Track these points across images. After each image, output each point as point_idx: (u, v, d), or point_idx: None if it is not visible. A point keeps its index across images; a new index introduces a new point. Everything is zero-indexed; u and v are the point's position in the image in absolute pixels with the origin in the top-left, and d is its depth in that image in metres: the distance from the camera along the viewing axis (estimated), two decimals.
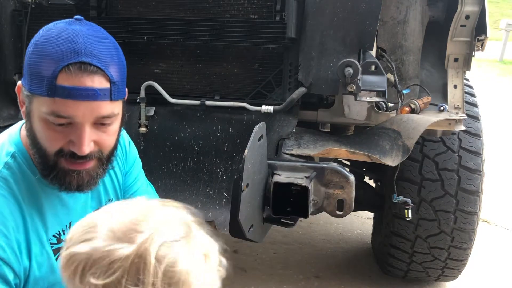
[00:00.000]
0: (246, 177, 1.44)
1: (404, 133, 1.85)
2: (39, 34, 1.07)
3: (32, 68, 1.04)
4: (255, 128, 1.50)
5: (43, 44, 1.04)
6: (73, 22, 1.08)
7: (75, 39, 1.03)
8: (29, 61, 1.05)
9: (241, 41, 1.94)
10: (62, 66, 1.01)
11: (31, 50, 1.06)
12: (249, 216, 1.55)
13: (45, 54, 1.03)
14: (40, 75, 1.02)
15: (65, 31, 1.04)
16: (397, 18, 2.13)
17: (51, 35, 1.04)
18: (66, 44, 1.02)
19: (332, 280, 2.81)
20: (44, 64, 1.02)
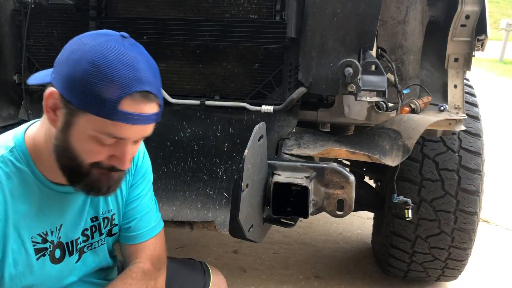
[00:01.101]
0: (246, 177, 1.44)
1: (404, 133, 1.85)
2: (94, 52, 1.05)
3: (91, 89, 1.03)
4: (255, 128, 1.50)
5: (105, 67, 1.03)
6: (123, 41, 1.09)
7: (137, 66, 1.06)
8: (85, 80, 1.04)
9: (241, 41, 1.94)
10: (127, 93, 1.04)
11: (90, 70, 1.03)
12: (249, 216, 1.54)
13: (109, 79, 1.03)
14: (100, 97, 1.03)
15: (123, 55, 1.06)
16: (397, 18, 2.13)
17: (111, 58, 1.04)
18: (129, 71, 1.05)
19: (332, 280, 2.81)
20: (107, 88, 1.03)
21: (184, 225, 1.84)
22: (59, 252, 1.24)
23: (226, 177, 1.97)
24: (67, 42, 2.08)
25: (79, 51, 1.06)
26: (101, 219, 1.34)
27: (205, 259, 1.78)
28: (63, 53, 1.09)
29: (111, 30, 1.13)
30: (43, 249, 1.20)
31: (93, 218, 1.32)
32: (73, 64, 1.05)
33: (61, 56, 1.09)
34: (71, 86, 1.05)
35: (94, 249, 1.35)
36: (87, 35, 1.10)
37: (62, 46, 2.31)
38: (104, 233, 1.36)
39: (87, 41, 1.07)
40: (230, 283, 2.72)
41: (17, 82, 2.19)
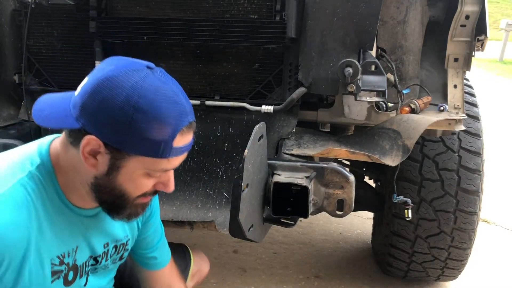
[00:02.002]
0: (246, 177, 1.45)
1: (404, 133, 1.85)
2: (134, 96, 1.01)
3: (142, 134, 1.02)
4: (255, 128, 1.50)
5: (152, 110, 1.02)
6: (153, 74, 1.06)
7: (177, 99, 1.06)
8: (134, 126, 1.01)
9: (241, 41, 1.94)
10: (178, 131, 1.05)
11: (136, 116, 1.01)
12: (249, 216, 1.55)
13: (158, 122, 1.02)
14: (153, 140, 1.03)
15: (163, 92, 1.04)
16: (397, 18, 2.13)
17: (154, 98, 1.02)
18: (174, 107, 1.05)
19: (332, 280, 2.81)
20: (158, 130, 1.03)
21: (184, 225, 1.84)
22: (72, 274, 1.22)
23: (226, 177, 1.97)
24: (67, 42, 2.06)
25: (117, 97, 1.01)
26: (113, 245, 1.33)
27: None
28: (92, 98, 1.03)
29: (133, 60, 1.09)
30: (59, 271, 1.17)
31: (106, 244, 1.31)
32: (114, 111, 1.01)
33: (90, 101, 1.03)
34: (118, 133, 1.02)
35: (98, 271, 1.34)
36: (113, 75, 1.03)
37: (62, 46, 2.31)
38: (113, 258, 1.36)
39: (119, 83, 1.02)
40: (230, 283, 2.74)
41: (17, 82, 2.19)
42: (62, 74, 2.17)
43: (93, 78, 1.06)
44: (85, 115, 1.04)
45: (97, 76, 1.05)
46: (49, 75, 2.18)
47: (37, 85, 2.19)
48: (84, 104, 1.04)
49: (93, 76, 1.06)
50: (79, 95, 1.06)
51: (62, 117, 1.07)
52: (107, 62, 1.09)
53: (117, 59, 1.10)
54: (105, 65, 1.08)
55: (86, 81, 1.07)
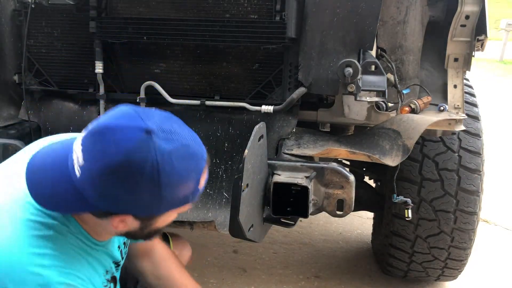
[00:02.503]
0: (246, 177, 1.45)
1: (404, 133, 1.85)
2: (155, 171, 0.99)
3: (172, 197, 1.05)
4: (255, 128, 1.50)
5: (173, 178, 1.02)
6: (156, 137, 1.00)
7: (191, 151, 1.05)
8: (164, 194, 1.02)
9: (241, 41, 1.94)
10: (200, 177, 1.09)
11: (162, 192, 1.01)
12: (249, 216, 1.55)
13: (183, 182, 1.04)
14: (182, 196, 1.06)
15: (174, 153, 1.02)
16: (397, 18, 2.13)
17: (169, 168, 1.01)
18: (191, 162, 1.05)
19: (332, 280, 2.81)
20: (185, 187, 1.05)
21: (184, 225, 1.85)
22: (113, 285, 1.32)
23: (226, 177, 1.97)
24: (67, 42, 2.06)
25: (138, 181, 1.00)
26: (123, 242, 1.40)
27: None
28: (108, 185, 1.00)
29: (128, 128, 1.01)
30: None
31: (118, 246, 1.37)
32: (140, 194, 1.01)
33: (107, 189, 1.01)
34: (147, 207, 1.05)
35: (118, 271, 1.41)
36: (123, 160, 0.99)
37: (62, 46, 2.31)
38: (125, 253, 1.43)
39: (133, 166, 0.99)
40: (230, 283, 2.74)
41: (18, 82, 2.19)
42: (62, 74, 2.17)
43: (96, 166, 1.00)
44: (106, 201, 1.03)
45: (101, 165, 1.00)
46: (49, 75, 2.18)
47: (37, 85, 2.19)
48: (101, 192, 1.02)
49: (95, 163, 1.01)
50: (85, 183, 1.02)
51: (74, 202, 1.05)
52: (100, 140, 1.01)
53: (108, 132, 1.01)
54: (103, 146, 1.00)
55: (84, 164, 1.02)
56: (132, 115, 1.03)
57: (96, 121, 1.05)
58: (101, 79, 2.09)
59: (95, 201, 1.03)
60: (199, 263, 2.91)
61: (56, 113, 2.19)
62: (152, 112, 1.07)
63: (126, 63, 2.11)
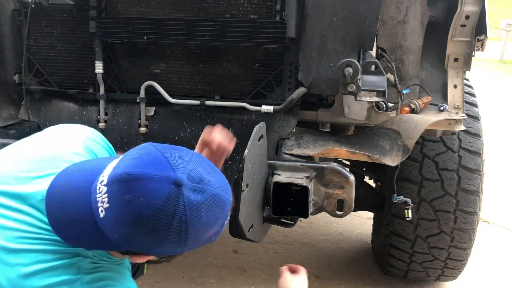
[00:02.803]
0: (246, 177, 1.45)
1: (404, 133, 1.85)
2: (182, 229, 0.99)
3: (193, 246, 1.05)
4: (255, 128, 1.50)
5: (200, 228, 1.02)
6: (186, 189, 0.99)
7: (220, 201, 1.04)
8: (185, 247, 1.04)
9: (241, 41, 1.94)
10: (225, 223, 1.09)
11: (187, 242, 1.02)
12: (249, 216, 1.55)
13: (209, 228, 1.04)
14: (205, 239, 1.06)
15: (203, 206, 1.01)
16: (397, 18, 2.13)
17: (197, 221, 1.01)
18: (220, 210, 1.05)
19: (332, 280, 2.81)
20: (210, 232, 1.05)
21: None
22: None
23: (226, 177, 1.97)
24: (67, 42, 2.07)
25: (165, 233, 0.99)
26: None
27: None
28: (135, 231, 0.99)
29: (158, 180, 0.98)
30: None
31: None
32: (164, 245, 1.01)
33: (133, 234, 0.99)
34: (170, 250, 1.05)
35: None
36: (150, 213, 0.97)
37: (62, 46, 2.31)
38: None
39: (161, 219, 0.97)
40: (230, 283, 2.73)
41: (18, 82, 2.19)
42: (62, 74, 2.17)
43: (123, 214, 0.99)
44: (130, 245, 1.03)
45: (129, 214, 0.98)
46: (49, 75, 2.18)
47: (37, 85, 2.19)
48: (125, 238, 1.01)
49: (123, 211, 0.99)
50: (110, 227, 1.01)
51: (97, 240, 1.04)
52: (129, 189, 0.98)
53: (137, 183, 0.98)
54: (131, 196, 0.98)
55: (110, 208, 1.00)
56: (161, 162, 1.00)
57: (122, 162, 1.02)
58: (101, 79, 2.09)
59: (118, 243, 1.02)
60: (199, 263, 2.91)
61: (56, 113, 2.19)
62: (181, 154, 1.04)
63: (126, 63, 2.11)
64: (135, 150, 1.05)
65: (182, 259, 2.95)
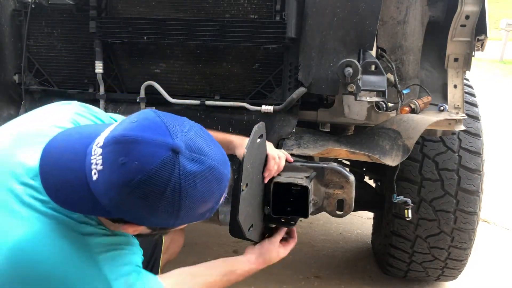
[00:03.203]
0: (245, 176, 1.44)
1: (404, 133, 1.85)
2: (175, 198, 0.97)
3: (187, 218, 1.03)
4: (254, 128, 1.49)
5: (194, 199, 1.00)
6: (182, 156, 0.97)
7: (218, 174, 1.03)
8: (177, 218, 1.01)
9: (241, 41, 1.94)
10: (221, 197, 1.08)
11: (180, 212, 1.00)
12: (249, 216, 1.54)
13: (204, 202, 1.02)
14: (199, 213, 1.04)
15: (199, 176, 0.99)
16: (397, 18, 2.13)
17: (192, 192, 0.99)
18: (216, 184, 1.03)
19: (332, 280, 2.81)
20: (204, 207, 1.04)
21: None
22: None
23: None
24: (67, 42, 2.06)
25: (158, 200, 0.97)
26: None
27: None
28: (127, 197, 0.97)
29: (155, 145, 0.96)
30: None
31: None
32: (157, 212, 0.99)
33: (125, 200, 0.97)
34: (163, 221, 1.02)
35: None
36: (145, 177, 0.95)
37: (62, 46, 2.31)
38: None
39: (154, 185, 0.95)
40: None
41: (17, 82, 2.19)
42: (62, 74, 2.17)
43: (116, 177, 0.96)
44: (121, 211, 1.01)
45: (121, 178, 0.96)
46: (49, 75, 2.18)
47: (37, 85, 2.19)
48: (116, 202, 0.99)
49: (116, 174, 0.96)
50: (102, 189, 0.99)
51: (90, 206, 1.02)
52: (125, 152, 0.96)
53: (133, 146, 0.96)
54: (126, 159, 0.96)
55: (103, 170, 0.98)
56: (160, 127, 0.98)
57: (120, 125, 1.00)
58: (101, 79, 2.09)
59: (109, 208, 1.00)
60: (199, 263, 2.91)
61: None
62: (182, 123, 1.01)
63: (126, 63, 2.11)
64: (135, 115, 1.03)
65: (182, 259, 2.94)
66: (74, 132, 1.11)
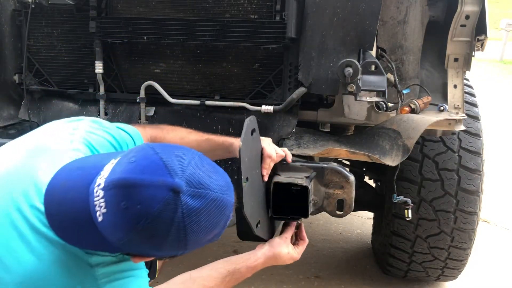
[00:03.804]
0: (244, 170, 1.43)
1: (404, 133, 1.85)
2: (181, 238, 0.99)
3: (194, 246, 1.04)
4: (245, 121, 1.47)
5: (200, 235, 1.01)
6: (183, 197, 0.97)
7: (221, 205, 1.03)
8: (185, 251, 1.04)
9: (241, 41, 1.94)
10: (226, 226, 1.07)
11: (187, 246, 1.02)
12: (255, 212, 1.54)
13: (210, 233, 1.03)
14: (206, 241, 1.05)
15: (202, 213, 0.99)
16: (397, 18, 2.13)
17: (197, 228, 1.00)
18: (220, 216, 1.03)
19: (332, 280, 2.81)
20: (210, 236, 1.04)
21: None
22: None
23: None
24: (67, 42, 2.05)
25: (161, 242, 0.98)
26: None
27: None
28: (134, 236, 0.97)
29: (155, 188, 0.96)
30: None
31: None
32: (164, 249, 1.01)
33: (132, 238, 0.98)
34: (171, 254, 1.04)
35: None
36: (150, 220, 0.96)
37: (62, 46, 2.31)
38: None
39: (159, 226, 0.96)
40: None
41: (17, 82, 2.19)
42: (62, 74, 2.17)
43: (120, 221, 0.97)
44: (129, 249, 1.03)
45: (125, 221, 0.97)
46: (49, 75, 2.18)
47: (37, 85, 2.19)
48: (124, 242, 1.00)
49: (119, 217, 0.97)
50: (108, 232, 0.99)
51: (99, 243, 1.02)
52: (126, 196, 0.96)
53: (133, 191, 0.96)
54: (128, 203, 0.96)
55: (107, 213, 0.98)
56: (158, 166, 0.97)
57: (119, 166, 0.99)
58: (101, 79, 2.09)
59: (118, 246, 1.01)
60: (199, 263, 2.90)
61: (56, 113, 2.19)
62: (180, 156, 1.00)
63: (126, 63, 2.11)
64: (133, 152, 1.02)
65: (182, 259, 2.94)
66: (75, 167, 1.10)
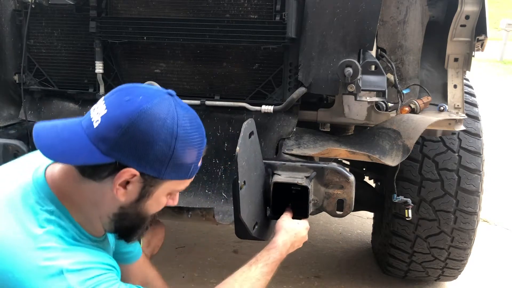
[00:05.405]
0: (241, 174, 1.44)
1: (404, 133, 1.85)
2: (174, 127, 1.07)
3: (181, 160, 1.09)
4: (243, 125, 1.48)
5: (186, 136, 1.09)
6: (176, 100, 1.14)
7: (200, 122, 1.16)
8: (175, 154, 1.08)
9: (241, 41, 1.94)
10: (202, 151, 1.15)
11: (176, 145, 1.07)
12: (251, 214, 1.54)
13: (192, 146, 1.11)
14: (187, 163, 1.11)
15: (189, 116, 1.13)
16: (397, 18, 2.13)
17: (185, 125, 1.10)
18: (199, 131, 1.14)
19: (332, 280, 2.81)
20: (192, 154, 1.11)
21: (182, 212, 1.83)
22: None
23: (225, 178, 1.97)
24: (67, 42, 2.06)
25: (159, 130, 1.05)
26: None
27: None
28: (129, 132, 1.04)
29: (151, 88, 1.14)
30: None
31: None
32: (157, 143, 1.05)
33: (126, 136, 1.04)
34: (159, 163, 1.07)
35: None
36: (147, 108, 1.05)
37: (62, 46, 2.31)
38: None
39: (156, 115, 1.06)
40: None
41: (17, 82, 2.19)
42: (62, 74, 2.17)
43: (122, 111, 1.05)
44: (121, 149, 1.05)
45: (127, 109, 1.05)
46: (49, 75, 2.18)
47: (37, 85, 2.19)
48: (118, 139, 1.04)
49: (121, 109, 1.06)
50: (105, 128, 1.05)
51: (86, 153, 1.06)
52: (128, 92, 1.09)
53: (135, 89, 1.11)
54: (130, 96, 1.08)
55: (107, 112, 1.06)
56: (150, 87, 1.14)
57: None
58: (101, 79, 2.09)
59: (107, 150, 1.04)
60: (199, 263, 2.91)
61: (56, 113, 2.19)
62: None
63: (126, 63, 2.11)
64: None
65: (182, 259, 2.95)
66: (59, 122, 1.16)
